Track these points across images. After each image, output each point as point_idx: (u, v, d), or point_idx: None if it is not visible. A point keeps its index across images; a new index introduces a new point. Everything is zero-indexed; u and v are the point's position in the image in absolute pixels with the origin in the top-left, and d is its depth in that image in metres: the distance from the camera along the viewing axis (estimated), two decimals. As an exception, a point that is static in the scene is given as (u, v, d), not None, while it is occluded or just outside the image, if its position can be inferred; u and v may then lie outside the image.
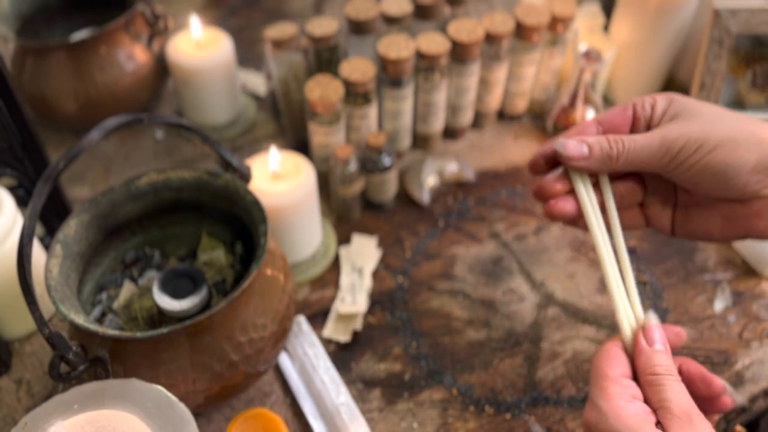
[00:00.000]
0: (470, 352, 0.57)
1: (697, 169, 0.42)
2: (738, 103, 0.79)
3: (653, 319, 0.41)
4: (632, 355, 0.41)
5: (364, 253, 0.65)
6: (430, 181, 0.71)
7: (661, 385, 0.38)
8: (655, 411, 0.37)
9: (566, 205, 0.45)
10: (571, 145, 0.44)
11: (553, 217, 0.45)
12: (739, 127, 0.41)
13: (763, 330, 0.59)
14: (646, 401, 0.38)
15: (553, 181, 0.46)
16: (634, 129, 0.46)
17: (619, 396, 0.37)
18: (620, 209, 0.47)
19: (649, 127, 0.46)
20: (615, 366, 0.39)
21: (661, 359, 0.39)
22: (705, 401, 0.43)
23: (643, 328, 0.41)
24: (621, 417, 0.36)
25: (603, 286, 0.63)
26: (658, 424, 0.37)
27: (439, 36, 0.68)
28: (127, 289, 0.52)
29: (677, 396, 0.37)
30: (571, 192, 0.46)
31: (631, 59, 0.79)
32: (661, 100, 0.46)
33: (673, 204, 0.48)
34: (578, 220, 0.46)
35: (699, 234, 0.46)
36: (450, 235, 0.68)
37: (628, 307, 0.42)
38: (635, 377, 0.40)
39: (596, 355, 0.41)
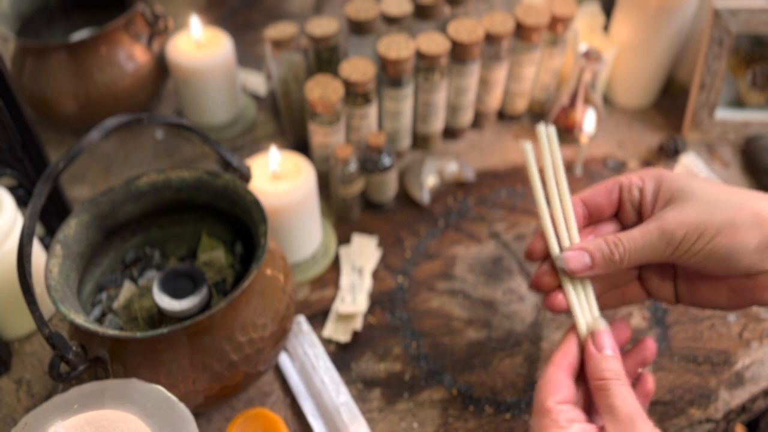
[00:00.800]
0: (470, 352, 0.57)
1: (701, 256, 0.41)
2: (738, 103, 0.79)
3: (602, 324, 0.43)
4: (583, 343, 0.43)
5: (364, 253, 0.65)
6: (430, 181, 0.71)
7: (608, 389, 0.39)
8: (603, 416, 0.39)
9: (564, 301, 0.45)
10: (573, 259, 0.43)
11: (554, 311, 0.45)
12: (737, 208, 0.41)
13: (763, 330, 0.59)
14: (596, 406, 0.40)
15: (546, 275, 0.46)
16: (620, 212, 0.46)
17: (553, 426, 0.39)
18: (619, 286, 0.47)
19: (639, 213, 0.46)
20: (555, 393, 0.40)
21: (609, 364, 0.40)
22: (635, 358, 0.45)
23: (592, 334, 0.42)
24: None
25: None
26: (602, 429, 0.39)
27: (439, 36, 0.68)
28: (127, 289, 0.52)
29: (622, 400, 0.38)
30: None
31: (631, 59, 0.79)
32: (650, 182, 0.45)
33: (672, 276, 0.47)
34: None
35: (706, 304, 0.46)
36: (450, 235, 0.68)
37: (586, 310, 0.44)
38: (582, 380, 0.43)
39: (538, 383, 0.42)
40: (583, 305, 0.44)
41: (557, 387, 0.40)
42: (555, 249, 0.45)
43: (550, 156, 0.48)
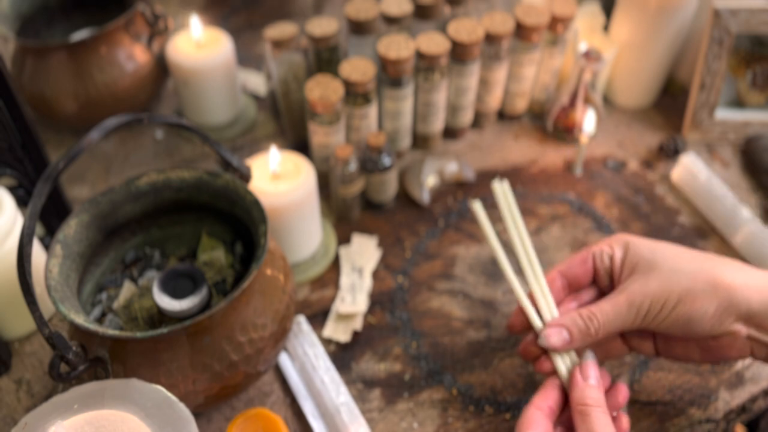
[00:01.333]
0: (470, 352, 0.57)
1: (667, 323, 0.45)
2: (738, 103, 0.79)
3: (590, 357, 0.46)
4: (568, 389, 0.46)
5: (364, 253, 0.65)
6: (430, 181, 0.71)
7: (588, 415, 0.42)
8: None
9: (551, 366, 0.48)
10: (553, 338, 0.47)
11: (544, 374, 0.48)
12: (694, 277, 0.45)
13: (763, 330, 0.59)
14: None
15: (531, 345, 0.49)
16: (596, 279, 0.51)
17: None
18: (603, 343, 0.50)
19: (611, 278, 0.49)
20: (534, 429, 0.43)
21: (592, 392, 0.44)
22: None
23: (580, 366, 0.46)
24: None
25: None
26: None
27: (439, 36, 0.68)
28: (127, 289, 0.52)
29: (601, 427, 0.42)
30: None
31: (631, 59, 0.79)
32: (618, 249, 0.49)
33: (650, 333, 0.50)
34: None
35: (682, 359, 0.49)
36: (450, 235, 0.68)
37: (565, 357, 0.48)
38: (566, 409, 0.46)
39: (518, 420, 0.44)
40: (566, 362, 0.48)
41: (535, 425, 0.43)
42: (537, 323, 0.49)
43: (509, 213, 0.54)
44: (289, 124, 0.75)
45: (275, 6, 1.00)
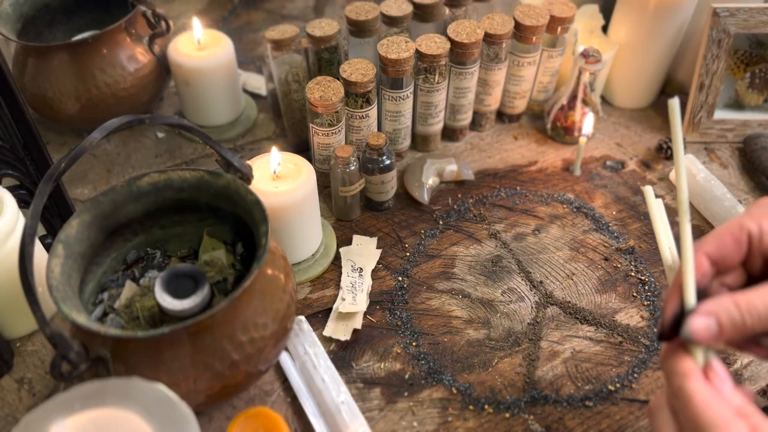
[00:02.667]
0: (470, 351, 0.58)
1: None
2: (736, 104, 0.79)
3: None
4: None
5: (364, 253, 0.65)
6: (430, 181, 0.71)
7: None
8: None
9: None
10: (701, 330, 0.37)
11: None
12: None
13: (761, 329, 0.59)
14: None
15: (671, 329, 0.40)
16: (747, 261, 0.41)
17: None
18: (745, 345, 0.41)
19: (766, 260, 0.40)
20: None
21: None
22: None
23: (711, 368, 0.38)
24: None
25: (601, 286, 0.63)
26: None
27: (438, 37, 0.68)
28: (129, 289, 0.53)
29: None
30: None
31: (629, 60, 0.79)
32: None
33: None
34: None
35: None
36: (450, 235, 0.68)
37: None
38: None
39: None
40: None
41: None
42: (690, 298, 0.39)
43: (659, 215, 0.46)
44: (290, 124, 0.75)
45: (276, 7, 1.01)
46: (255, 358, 0.47)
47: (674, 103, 0.41)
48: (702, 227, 0.69)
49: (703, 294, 0.40)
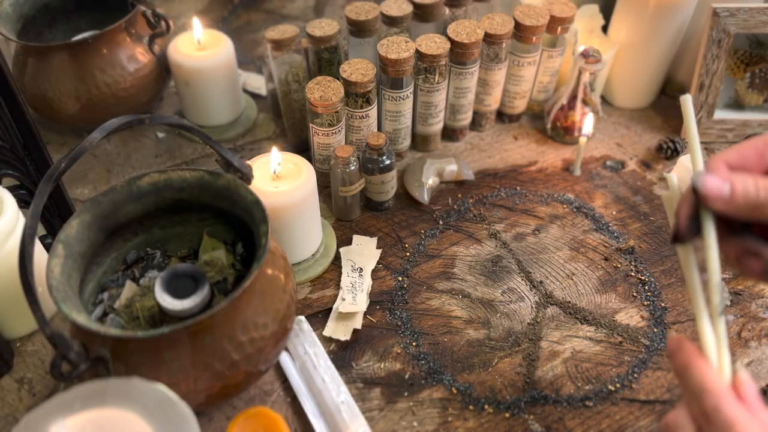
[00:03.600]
0: (470, 351, 0.58)
1: None
2: (736, 104, 0.79)
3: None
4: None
5: (364, 253, 0.65)
6: (430, 181, 0.71)
7: None
8: None
9: None
10: (711, 182, 0.37)
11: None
12: None
13: (761, 329, 0.59)
14: None
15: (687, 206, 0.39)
16: None
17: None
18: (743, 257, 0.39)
19: None
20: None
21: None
22: None
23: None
24: None
25: (601, 286, 0.63)
26: None
27: (438, 37, 0.68)
28: (129, 289, 0.53)
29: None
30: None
31: (629, 60, 0.79)
32: None
33: None
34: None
35: None
36: (450, 235, 0.68)
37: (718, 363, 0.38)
38: None
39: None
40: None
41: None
42: (699, 163, 0.39)
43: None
44: (290, 124, 0.75)
45: (276, 7, 1.01)
46: (255, 358, 0.47)
47: (687, 98, 0.41)
48: (702, 227, 0.68)
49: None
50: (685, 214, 0.39)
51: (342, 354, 0.57)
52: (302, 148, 0.75)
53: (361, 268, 0.64)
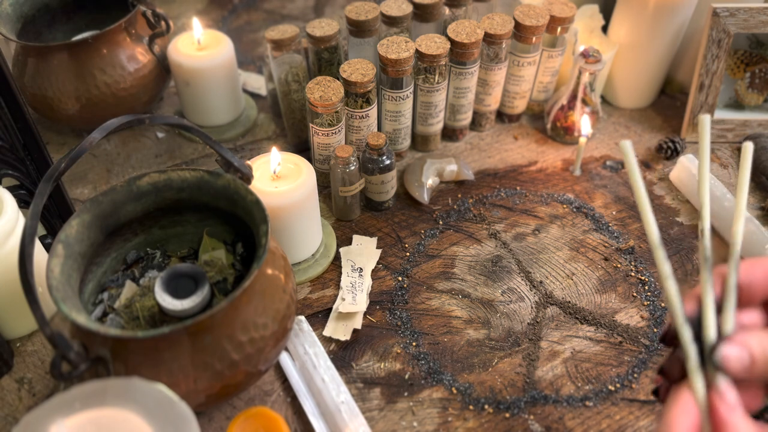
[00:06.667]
0: (470, 351, 0.58)
1: None
2: (736, 104, 0.79)
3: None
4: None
5: (364, 253, 0.65)
6: (430, 181, 0.71)
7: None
8: None
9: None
10: (730, 355, 0.34)
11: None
12: None
13: (761, 329, 0.59)
14: None
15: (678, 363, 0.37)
16: None
17: None
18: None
19: None
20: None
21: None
22: None
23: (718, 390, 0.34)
24: None
25: (601, 286, 0.63)
26: None
27: (438, 37, 0.68)
28: (129, 289, 0.53)
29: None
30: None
31: (629, 60, 0.79)
32: None
33: None
34: None
35: None
36: (450, 235, 0.68)
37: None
38: None
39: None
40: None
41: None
42: (711, 330, 0.36)
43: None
44: (290, 124, 0.75)
45: (276, 7, 1.01)
46: (255, 358, 0.47)
47: (705, 119, 0.39)
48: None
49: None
50: (689, 312, 0.36)
51: (342, 354, 0.57)
52: (302, 148, 0.75)
53: (361, 268, 0.64)
